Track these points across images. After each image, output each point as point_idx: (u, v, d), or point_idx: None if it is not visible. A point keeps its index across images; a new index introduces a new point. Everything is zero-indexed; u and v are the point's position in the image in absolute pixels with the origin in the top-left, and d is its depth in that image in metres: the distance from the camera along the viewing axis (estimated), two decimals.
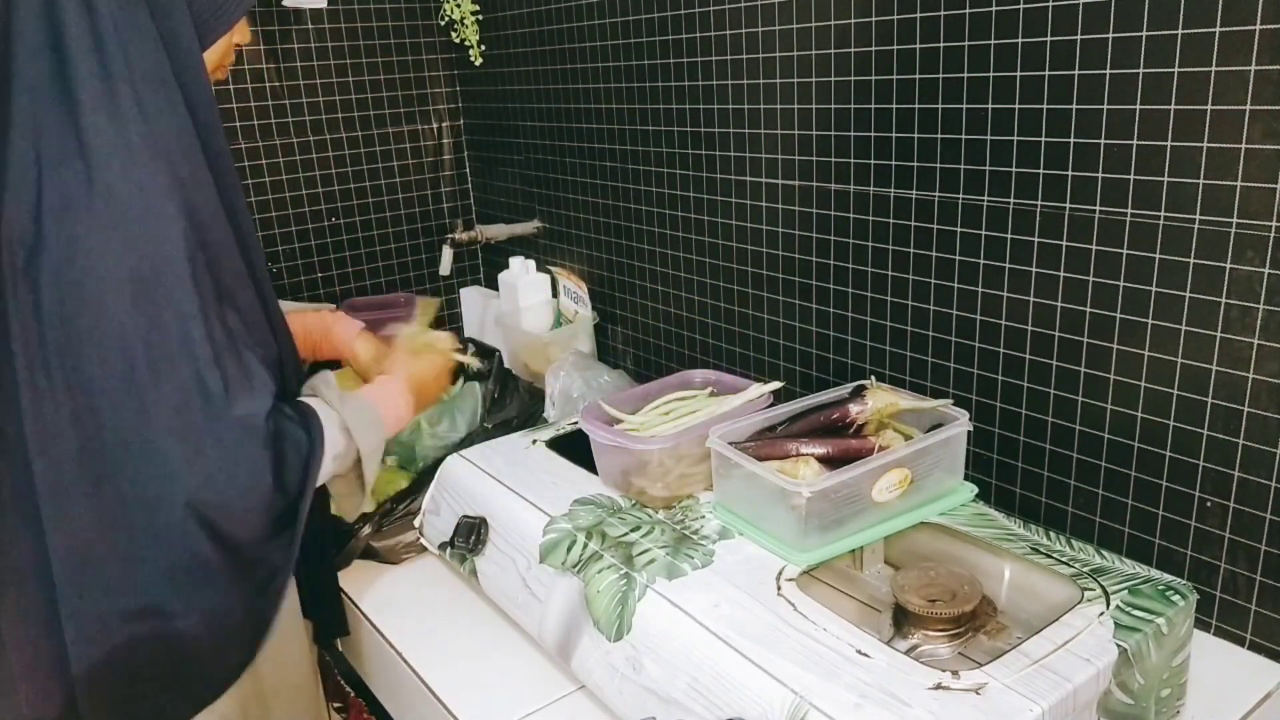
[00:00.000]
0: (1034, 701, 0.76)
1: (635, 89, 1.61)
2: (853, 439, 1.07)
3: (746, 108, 1.41)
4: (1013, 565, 0.99)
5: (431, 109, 2.11)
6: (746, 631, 0.86)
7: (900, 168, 1.22)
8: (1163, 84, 0.95)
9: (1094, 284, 1.05)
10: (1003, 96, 1.09)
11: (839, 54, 1.26)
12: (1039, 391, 1.14)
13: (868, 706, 0.76)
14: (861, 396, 1.09)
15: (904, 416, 1.11)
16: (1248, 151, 0.91)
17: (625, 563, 0.98)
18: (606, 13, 1.63)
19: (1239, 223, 0.93)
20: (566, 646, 1.01)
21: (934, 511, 1.05)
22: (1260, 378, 0.95)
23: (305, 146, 1.96)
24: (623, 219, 1.74)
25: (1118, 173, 1.00)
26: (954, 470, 1.07)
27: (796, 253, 1.40)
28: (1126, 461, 1.07)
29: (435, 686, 1.07)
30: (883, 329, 1.30)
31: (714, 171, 1.50)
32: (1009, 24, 1.06)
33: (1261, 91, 0.89)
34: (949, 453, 1.06)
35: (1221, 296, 0.96)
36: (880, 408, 1.09)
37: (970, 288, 1.18)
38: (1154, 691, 0.87)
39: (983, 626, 0.94)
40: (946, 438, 1.04)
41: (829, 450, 1.05)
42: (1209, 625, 1.04)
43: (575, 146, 1.80)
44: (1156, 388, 1.03)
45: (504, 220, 2.05)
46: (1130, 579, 0.92)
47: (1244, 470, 0.98)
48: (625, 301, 1.80)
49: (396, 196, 2.11)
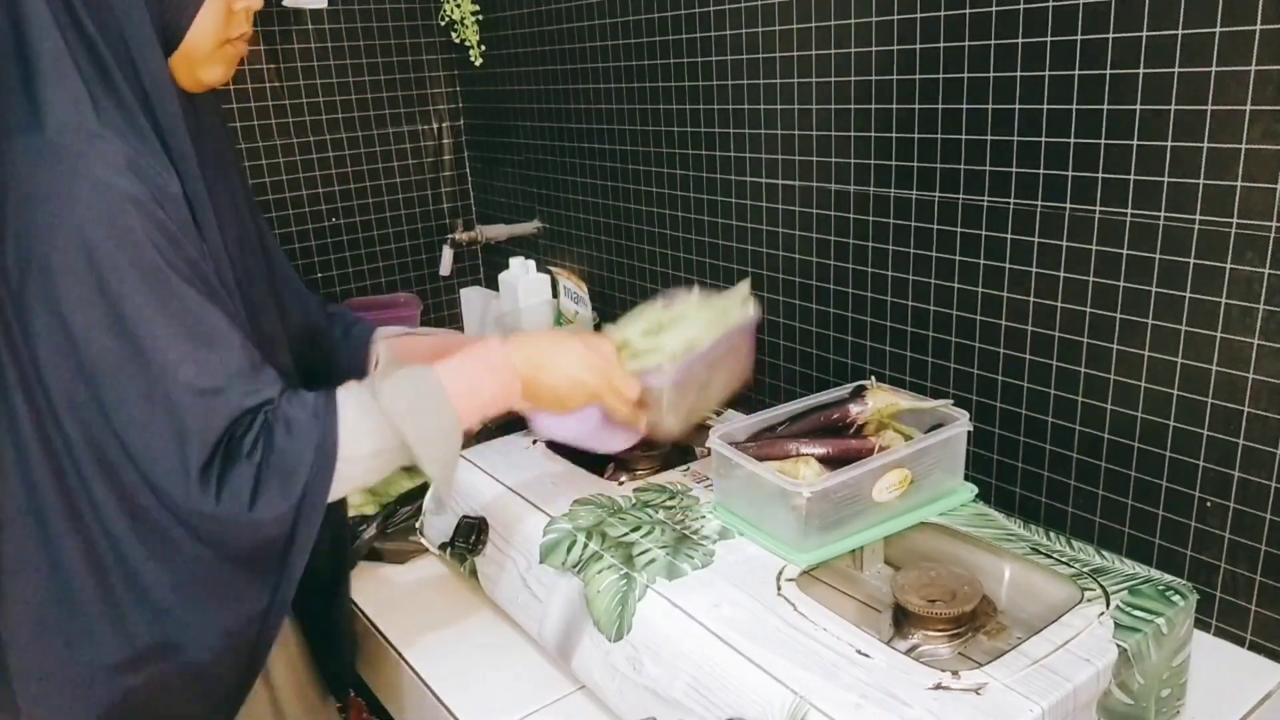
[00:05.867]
0: (1034, 701, 0.76)
1: (635, 89, 1.61)
2: (853, 439, 1.07)
3: (746, 108, 1.41)
4: (1013, 565, 0.99)
5: (432, 109, 2.11)
6: (747, 632, 0.86)
7: (900, 168, 1.22)
8: (1163, 84, 0.95)
9: (1094, 284, 1.05)
10: (1003, 97, 1.09)
11: (839, 54, 1.26)
12: (1039, 392, 1.14)
13: (868, 706, 0.76)
14: (862, 397, 1.09)
15: (904, 417, 1.11)
16: (1248, 152, 0.91)
17: (625, 563, 0.98)
18: (606, 13, 1.63)
19: (1239, 223, 0.93)
20: (567, 647, 1.01)
21: (934, 512, 1.05)
22: (1260, 378, 0.95)
23: (305, 147, 1.96)
24: (623, 219, 1.74)
25: (1118, 173, 1.00)
26: (954, 470, 1.07)
27: (797, 253, 1.40)
28: (1126, 462, 1.07)
29: (435, 686, 1.07)
30: (883, 329, 1.30)
31: (714, 172, 1.50)
32: (1009, 24, 1.06)
33: (1261, 92, 0.89)
34: (949, 453, 1.05)
35: (1221, 297, 0.96)
36: (880, 408, 1.09)
37: (970, 288, 1.18)
38: (1154, 692, 0.87)
39: (983, 627, 0.94)
40: (946, 438, 1.04)
41: (829, 450, 1.05)
42: (1209, 625, 1.04)
43: (575, 147, 1.80)
44: (1156, 388, 1.03)
45: (504, 220, 2.05)
46: (1130, 579, 0.92)
47: (1244, 470, 0.98)
48: (625, 301, 1.80)
49: (397, 197, 2.11)
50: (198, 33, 0.87)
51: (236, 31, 0.90)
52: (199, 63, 0.88)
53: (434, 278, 2.18)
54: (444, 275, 2.04)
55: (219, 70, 0.91)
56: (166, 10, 0.84)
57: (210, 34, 0.87)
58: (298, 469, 0.82)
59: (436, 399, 0.88)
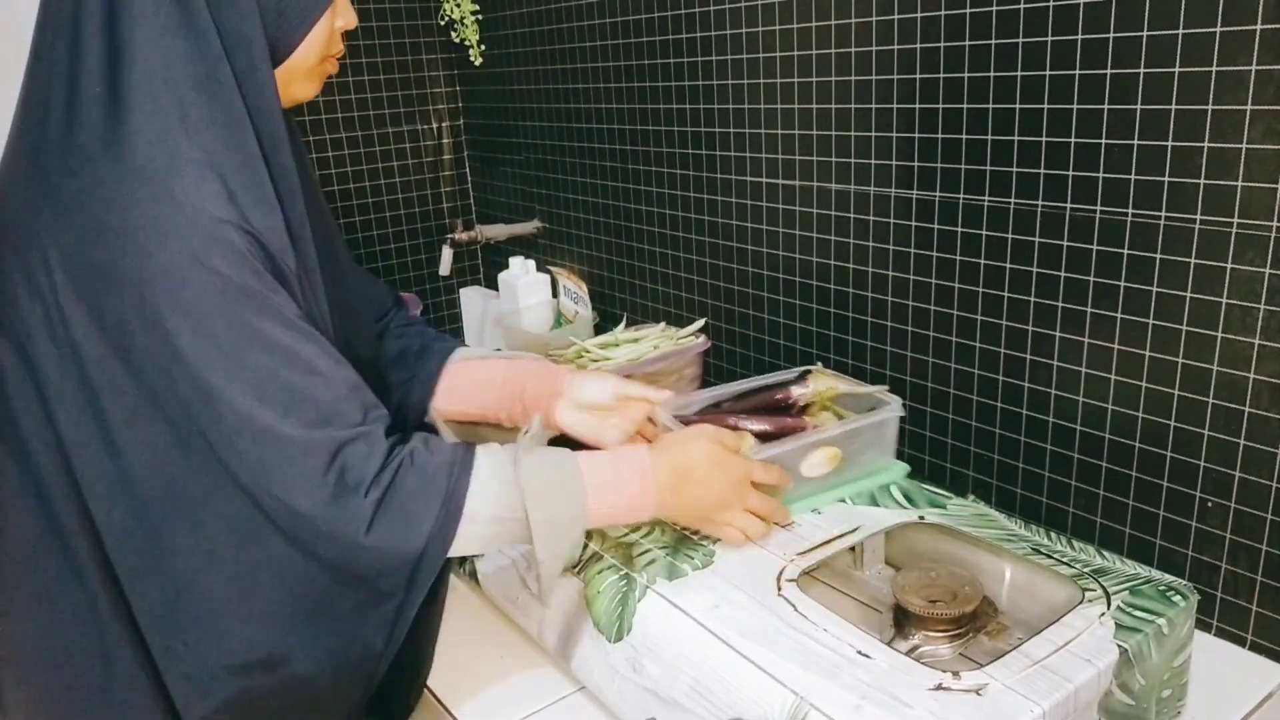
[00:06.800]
0: (1035, 702, 0.76)
1: (635, 89, 1.61)
2: (789, 418, 1.13)
3: (746, 108, 1.41)
4: (1013, 566, 0.99)
5: (431, 109, 2.11)
6: (747, 632, 0.86)
7: (901, 168, 1.22)
8: (1163, 84, 0.95)
9: (1095, 284, 1.05)
10: (1003, 96, 1.08)
11: (839, 54, 1.26)
12: (1040, 392, 1.14)
13: (868, 707, 0.76)
14: (804, 380, 1.16)
15: (847, 402, 1.17)
16: (1248, 152, 0.91)
17: (625, 563, 0.98)
18: (606, 12, 1.63)
19: (1239, 223, 0.93)
20: (566, 647, 1.01)
21: (863, 488, 1.10)
22: (1261, 378, 0.95)
23: (305, 146, 1.96)
24: (623, 219, 1.74)
25: (1118, 173, 1.00)
26: (886, 451, 1.13)
27: (797, 253, 1.40)
28: (1127, 462, 1.07)
29: (435, 687, 1.07)
30: (883, 329, 1.30)
31: (714, 171, 1.50)
32: (1010, 24, 1.06)
33: (1262, 91, 0.89)
34: (881, 435, 1.12)
35: (1222, 297, 0.96)
36: (821, 390, 1.16)
37: (971, 288, 1.17)
38: (1155, 692, 0.87)
39: (983, 627, 0.94)
40: (878, 421, 1.10)
41: (768, 427, 1.10)
42: (1210, 626, 1.04)
43: (575, 146, 1.80)
44: (1157, 388, 1.03)
45: (504, 220, 2.05)
46: (1131, 579, 0.92)
47: (1245, 471, 0.98)
48: (625, 302, 1.80)
49: (396, 196, 2.11)
50: (308, 47, 0.85)
51: (335, 49, 0.89)
52: (299, 78, 0.87)
53: (433, 277, 2.17)
54: (443, 275, 2.04)
55: (313, 87, 0.89)
56: (285, 22, 0.82)
57: (316, 50, 0.86)
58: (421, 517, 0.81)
59: (571, 490, 0.86)
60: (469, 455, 0.84)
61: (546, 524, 0.85)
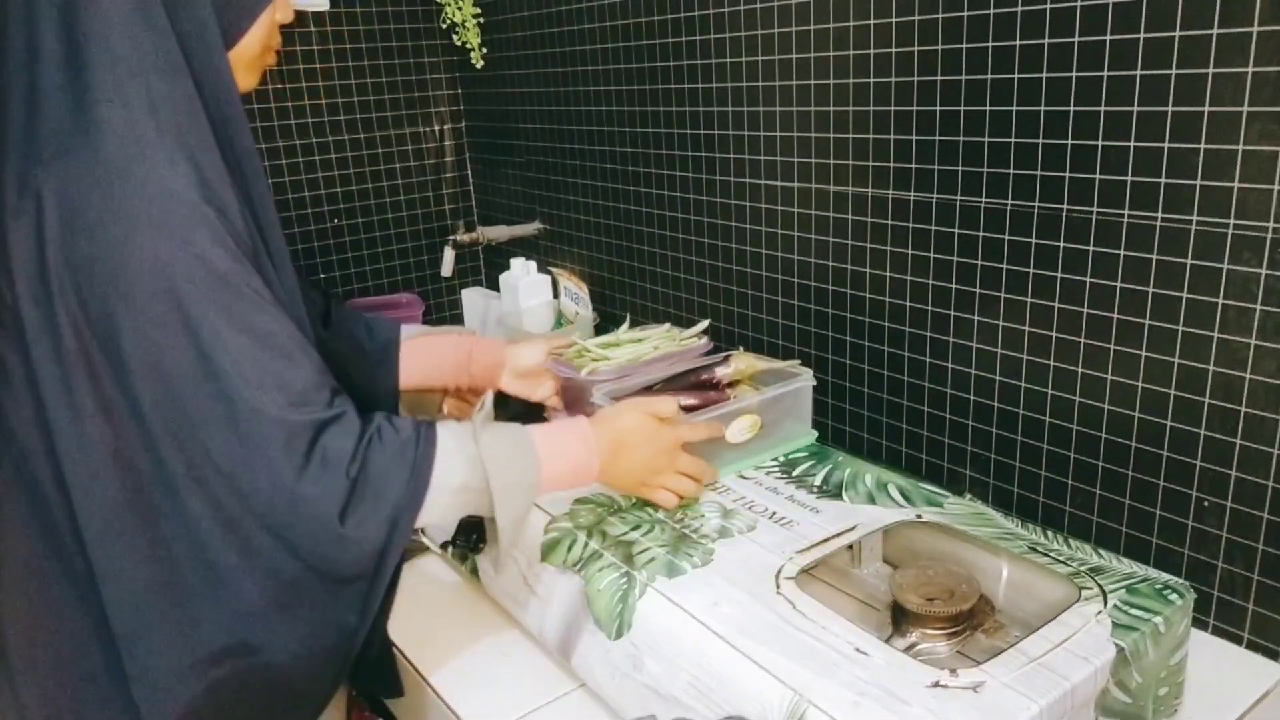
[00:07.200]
0: (1032, 700, 0.76)
1: (636, 91, 1.62)
2: (713, 392, 1.26)
3: (746, 110, 1.42)
4: (1011, 564, 0.99)
5: (433, 111, 2.12)
6: (746, 630, 0.87)
7: (899, 169, 1.22)
8: (1160, 86, 0.96)
9: (1091, 284, 1.06)
10: (1000, 99, 1.09)
11: (838, 56, 1.26)
12: (1036, 391, 1.14)
13: (866, 704, 0.77)
14: (726, 360, 1.29)
15: (767, 379, 1.28)
16: (1245, 153, 0.91)
17: (625, 561, 0.99)
18: (607, 15, 1.63)
19: (1236, 224, 0.93)
20: (567, 645, 1.02)
21: (782, 450, 1.23)
22: (1257, 378, 0.95)
23: (308, 148, 1.97)
24: (623, 220, 1.75)
25: (1115, 174, 1.01)
26: (802, 419, 1.27)
27: (796, 254, 1.40)
28: (1124, 461, 1.08)
29: (436, 685, 1.07)
30: (880, 329, 1.31)
31: (714, 173, 1.51)
32: (1007, 27, 1.07)
33: (1259, 93, 0.89)
34: (797, 404, 1.26)
35: (1219, 297, 0.96)
36: (741, 368, 1.28)
37: (968, 288, 1.18)
38: (1152, 690, 0.87)
39: (981, 625, 0.95)
40: (792, 390, 1.25)
41: (695, 401, 1.23)
42: (1206, 624, 1.05)
43: (576, 149, 1.81)
44: (1154, 388, 1.03)
45: (505, 222, 2.06)
46: (1128, 578, 0.92)
47: (1241, 470, 0.98)
48: (626, 303, 1.80)
49: (398, 198, 2.12)
50: (252, 37, 0.88)
51: (275, 40, 0.92)
52: (242, 68, 0.89)
53: (435, 279, 2.18)
54: (445, 276, 2.04)
55: (254, 78, 0.91)
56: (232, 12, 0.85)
57: (260, 40, 0.89)
58: (390, 491, 0.83)
59: (526, 456, 0.92)
60: (431, 431, 0.88)
61: (505, 491, 0.89)
